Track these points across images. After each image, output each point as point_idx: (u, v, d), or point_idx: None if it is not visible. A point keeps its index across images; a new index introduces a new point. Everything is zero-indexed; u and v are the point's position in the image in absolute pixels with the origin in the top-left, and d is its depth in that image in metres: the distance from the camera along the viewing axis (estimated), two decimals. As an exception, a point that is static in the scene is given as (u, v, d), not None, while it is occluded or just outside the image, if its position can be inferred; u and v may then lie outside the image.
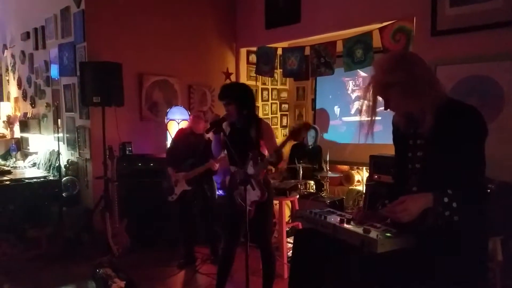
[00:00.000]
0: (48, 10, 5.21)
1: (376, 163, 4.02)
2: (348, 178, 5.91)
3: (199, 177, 3.83)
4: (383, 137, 1.81)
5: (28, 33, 5.84)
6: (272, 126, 6.63)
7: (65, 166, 4.97)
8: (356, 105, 5.88)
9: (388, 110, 1.75)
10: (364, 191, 4.90)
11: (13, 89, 6.74)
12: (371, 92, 1.72)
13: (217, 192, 4.20)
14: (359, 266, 1.70)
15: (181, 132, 4.13)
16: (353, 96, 5.95)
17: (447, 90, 1.75)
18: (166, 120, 4.87)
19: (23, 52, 6.07)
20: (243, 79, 6.04)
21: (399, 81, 1.65)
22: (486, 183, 1.74)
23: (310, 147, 5.35)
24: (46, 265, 3.90)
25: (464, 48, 3.59)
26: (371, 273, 1.67)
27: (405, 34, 4.06)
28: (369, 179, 4.16)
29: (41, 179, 4.75)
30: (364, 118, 1.77)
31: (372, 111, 1.73)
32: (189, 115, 4.25)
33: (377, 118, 1.76)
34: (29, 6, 5.85)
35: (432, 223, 1.59)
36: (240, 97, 2.83)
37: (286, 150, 6.58)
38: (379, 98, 1.72)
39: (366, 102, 1.75)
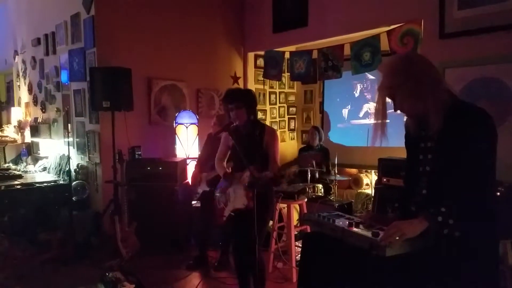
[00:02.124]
0: (58, 16, 5.29)
1: (385, 166, 4.00)
2: (357, 181, 5.89)
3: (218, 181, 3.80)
4: (392, 140, 1.81)
5: (39, 39, 5.93)
6: (280, 130, 6.66)
7: (75, 170, 5.03)
8: (365, 108, 5.87)
9: (398, 112, 1.75)
10: (373, 195, 4.87)
11: (24, 95, 6.83)
12: (379, 95, 1.73)
13: None
14: (368, 270, 1.69)
15: (208, 137, 4.14)
16: (361, 99, 5.93)
17: (456, 92, 1.75)
18: (174, 124, 4.91)
19: (34, 58, 6.16)
20: (251, 83, 6.06)
21: (403, 83, 1.66)
22: (495, 186, 1.73)
23: (317, 148, 5.35)
24: (56, 268, 3.94)
25: (473, 51, 3.57)
26: (380, 277, 1.67)
27: (413, 37, 4.04)
28: (378, 182, 4.14)
29: (52, 183, 4.81)
30: (375, 121, 1.77)
31: (382, 114, 1.73)
32: (213, 119, 4.20)
33: (386, 121, 1.76)
34: (40, 12, 5.94)
35: (434, 242, 1.59)
36: (250, 102, 2.87)
37: (294, 153, 6.58)
38: (388, 101, 1.73)
39: (375, 105, 1.76)
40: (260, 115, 6.19)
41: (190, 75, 5.34)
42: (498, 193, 2.72)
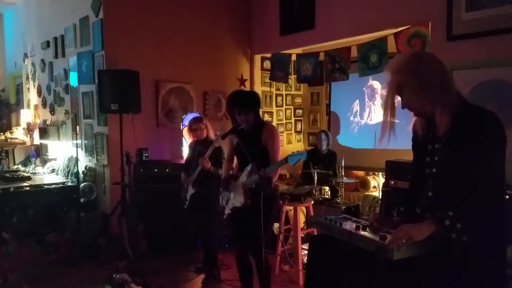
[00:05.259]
0: (67, 19, 5.34)
1: (392, 169, 3.98)
2: (364, 184, 5.86)
3: (204, 181, 3.74)
4: (399, 142, 1.80)
5: (48, 42, 5.99)
6: (287, 132, 6.66)
7: (83, 172, 5.06)
8: (372, 110, 5.85)
9: (406, 110, 1.74)
10: (380, 197, 4.85)
11: (33, 97, 6.90)
12: (387, 93, 1.72)
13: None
14: (375, 273, 1.69)
15: (191, 143, 4.15)
16: (368, 101, 5.91)
17: (464, 95, 1.73)
18: (182, 126, 4.93)
19: (43, 61, 6.23)
20: (257, 85, 6.08)
21: (410, 81, 1.65)
22: (504, 190, 1.71)
23: (324, 152, 5.34)
24: (64, 269, 3.97)
25: (481, 53, 3.55)
26: (387, 280, 1.66)
27: (420, 39, 4.03)
28: (385, 185, 4.12)
29: (60, 185, 4.84)
30: (383, 120, 1.75)
31: (391, 113, 1.72)
32: (187, 125, 4.18)
33: (395, 120, 1.75)
34: (49, 16, 6.01)
35: (441, 246, 1.58)
36: (257, 105, 2.90)
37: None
38: (397, 99, 1.72)
39: (384, 104, 1.75)
40: (266, 117, 6.20)
41: (197, 77, 5.36)
42: (507, 197, 2.70)
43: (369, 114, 5.91)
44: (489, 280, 1.59)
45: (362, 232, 1.75)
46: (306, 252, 3.63)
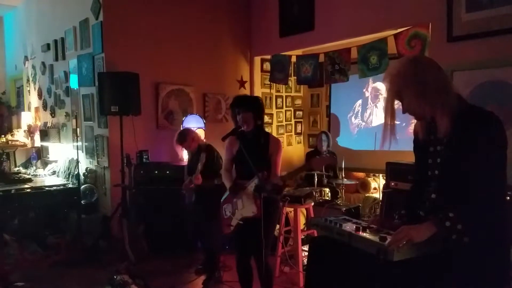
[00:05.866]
0: (67, 22, 5.35)
1: (393, 170, 3.98)
2: (364, 185, 5.86)
3: (201, 190, 3.71)
4: (400, 144, 1.80)
5: (48, 45, 6.00)
6: (287, 133, 6.66)
7: (83, 174, 5.07)
8: (373, 111, 5.85)
9: (407, 114, 1.74)
10: (380, 199, 4.84)
11: (33, 99, 6.91)
12: (387, 97, 1.73)
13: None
14: (375, 275, 1.69)
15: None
16: (369, 102, 5.91)
17: (464, 96, 1.74)
18: (181, 128, 4.93)
19: (43, 63, 6.24)
20: (257, 87, 6.08)
21: (410, 85, 1.65)
22: (505, 191, 1.71)
23: (325, 153, 5.33)
24: (65, 271, 3.97)
25: (481, 54, 3.55)
26: (388, 282, 1.66)
27: (420, 40, 4.03)
28: (385, 186, 4.12)
29: (61, 187, 4.84)
30: (384, 123, 1.76)
31: (391, 115, 1.73)
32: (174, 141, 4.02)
33: (396, 122, 1.75)
34: (49, 18, 6.02)
35: (442, 248, 1.58)
36: (257, 107, 2.90)
37: (301, 157, 6.57)
38: (398, 103, 1.73)
39: (384, 107, 1.76)
40: (266, 118, 6.19)
41: (197, 79, 5.37)
42: (508, 198, 2.70)
43: (369, 115, 5.90)
44: (490, 281, 1.59)
45: (362, 234, 1.75)
46: (306, 253, 3.63)
